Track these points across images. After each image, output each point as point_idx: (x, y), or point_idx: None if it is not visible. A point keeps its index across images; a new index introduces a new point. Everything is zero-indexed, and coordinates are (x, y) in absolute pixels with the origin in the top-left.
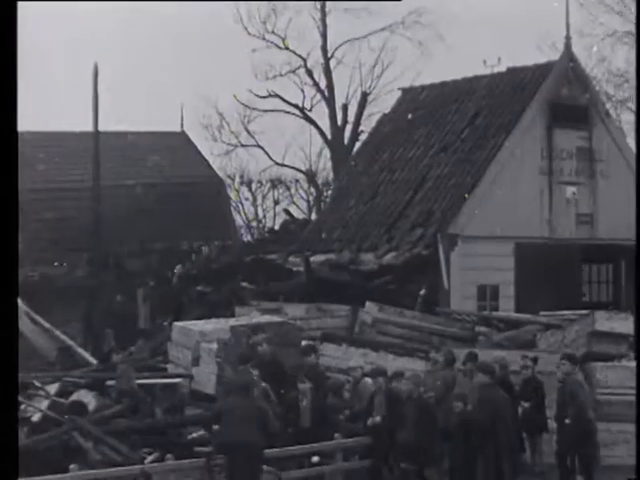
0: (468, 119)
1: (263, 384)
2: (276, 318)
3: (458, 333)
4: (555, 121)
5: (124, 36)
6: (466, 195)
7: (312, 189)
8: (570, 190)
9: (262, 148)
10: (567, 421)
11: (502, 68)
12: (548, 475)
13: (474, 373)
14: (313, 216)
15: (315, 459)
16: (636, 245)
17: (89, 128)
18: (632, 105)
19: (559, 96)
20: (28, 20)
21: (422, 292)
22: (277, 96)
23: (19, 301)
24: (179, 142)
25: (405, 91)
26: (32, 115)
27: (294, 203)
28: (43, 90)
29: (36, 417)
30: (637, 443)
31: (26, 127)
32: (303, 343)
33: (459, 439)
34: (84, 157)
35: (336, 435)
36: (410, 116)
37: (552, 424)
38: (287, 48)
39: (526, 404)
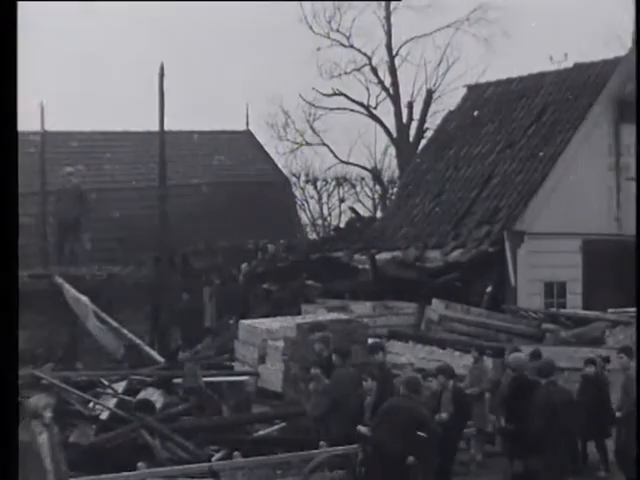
0: (534, 115)
1: None
2: (342, 316)
3: (525, 330)
4: (622, 117)
5: (190, 36)
6: None
7: (377, 187)
8: None
9: (327, 146)
10: (618, 414)
11: (569, 64)
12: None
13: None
14: (378, 214)
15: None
16: (636, 245)
17: (155, 128)
18: None
19: (626, 92)
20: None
21: (489, 289)
22: (342, 94)
23: (87, 300)
24: (244, 141)
25: (471, 88)
26: (99, 115)
27: (359, 201)
28: (109, 90)
29: (104, 415)
30: (637, 442)
31: (94, 127)
32: (370, 341)
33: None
34: (150, 157)
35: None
36: (476, 113)
37: None
38: (352, 46)
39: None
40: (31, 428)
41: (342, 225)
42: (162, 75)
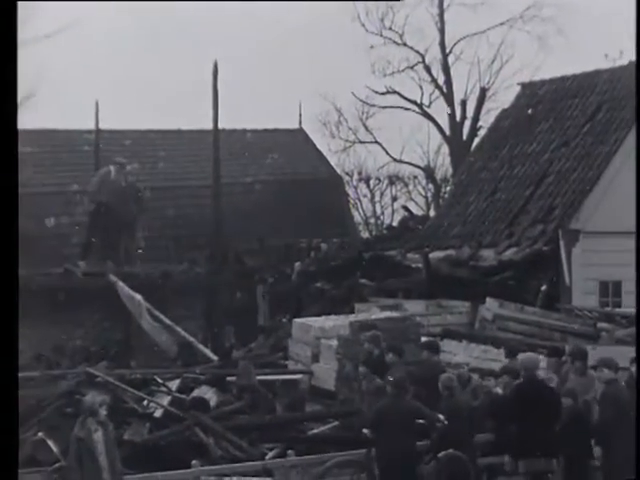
0: (589, 113)
1: None
2: (396, 314)
3: (580, 329)
4: None
5: (242, 34)
6: None
7: (430, 185)
8: None
9: (380, 144)
10: None
11: (624, 62)
12: None
13: (585, 369)
14: (432, 212)
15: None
16: (636, 244)
17: (209, 126)
18: None
19: None
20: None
21: (543, 288)
22: (395, 92)
23: (141, 298)
24: (297, 139)
25: (524, 86)
26: (152, 114)
27: (412, 199)
28: (163, 88)
29: (158, 413)
30: (637, 443)
31: (148, 126)
32: (424, 339)
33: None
34: (204, 155)
35: None
36: (530, 111)
37: None
38: (405, 44)
39: None
40: (87, 425)
41: (395, 224)
42: (216, 73)
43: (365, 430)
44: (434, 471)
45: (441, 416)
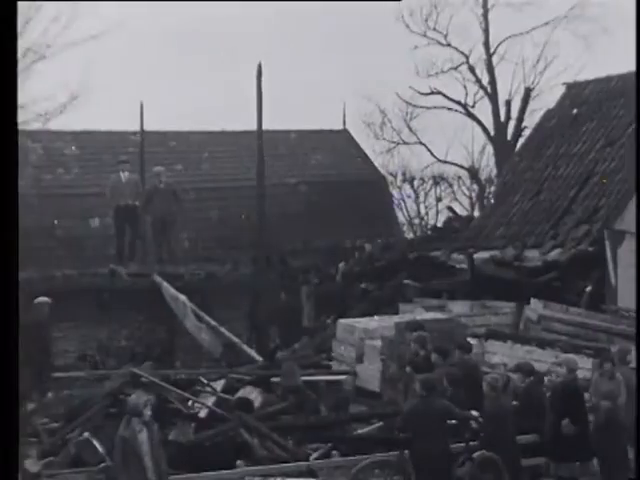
0: (634, 113)
1: None
2: (441, 315)
3: (625, 330)
4: None
5: (286, 35)
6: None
7: (475, 186)
8: None
9: (424, 145)
10: None
11: None
12: None
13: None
14: (476, 213)
15: None
16: (636, 244)
17: (253, 127)
18: None
19: None
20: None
21: (588, 289)
22: (439, 93)
23: (186, 299)
24: (341, 140)
25: (569, 86)
26: (195, 115)
27: (456, 200)
28: (207, 89)
29: (203, 413)
30: (637, 443)
31: (191, 127)
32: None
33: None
34: (248, 156)
35: None
36: (575, 111)
37: None
38: (449, 45)
39: None
40: (132, 425)
41: (439, 224)
42: (260, 74)
43: (397, 431)
44: (468, 472)
45: (475, 413)
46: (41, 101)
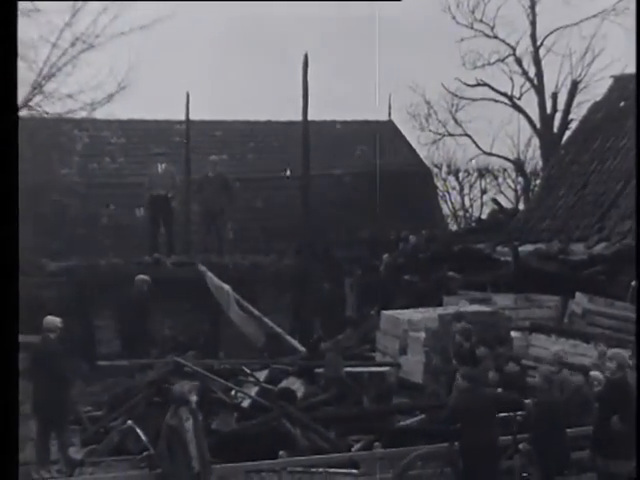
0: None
1: None
2: (485, 308)
3: None
4: None
5: (333, 26)
6: None
7: (520, 178)
8: None
9: (470, 137)
10: None
11: None
12: None
13: None
14: (521, 206)
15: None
16: (636, 244)
17: (298, 117)
18: None
19: None
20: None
21: (633, 283)
22: (485, 85)
23: (230, 288)
24: (387, 131)
25: (617, 79)
26: (242, 104)
27: (501, 192)
28: (254, 80)
29: (245, 403)
30: (637, 444)
31: (237, 117)
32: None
33: None
34: (293, 146)
35: None
36: (622, 104)
37: None
38: (496, 37)
39: None
40: (178, 414)
41: (484, 217)
42: (306, 65)
43: (443, 423)
44: (516, 464)
45: (527, 401)
46: (88, 90)
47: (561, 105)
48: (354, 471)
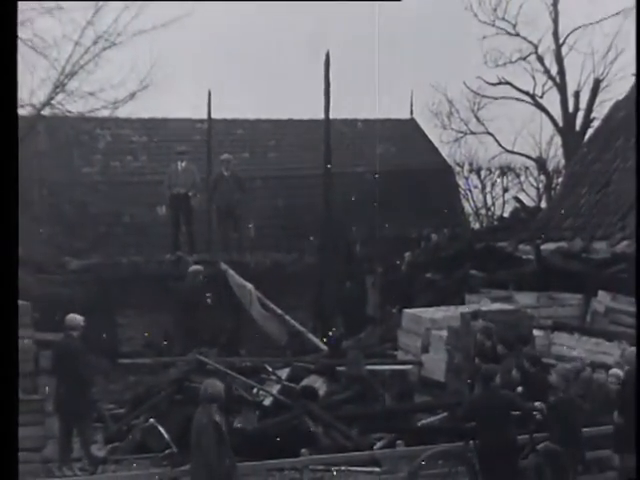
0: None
1: None
2: (507, 306)
3: None
4: None
5: (353, 23)
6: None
7: (542, 176)
8: None
9: (492, 135)
10: None
11: None
12: None
13: None
14: (543, 204)
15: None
16: (636, 245)
17: (320, 115)
18: None
19: None
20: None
21: None
22: (507, 83)
23: (252, 287)
24: (408, 129)
25: None
26: (264, 103)
27: (523, 190)
28: (274, 78)
29: (267, 401)
30: (637, 443)
31: (258, 115)
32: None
33: None
34: (314, 145)
35: None
36: None
37: None
38: (518, 35)
39: None
40: (209, 411)
41: (506, 215)
42: (328, 63)
43: (460, 421)
44: (533, 464)
45: (539, 405)
46: (110, 88)
47: (583, 103)
48: (376, 469)
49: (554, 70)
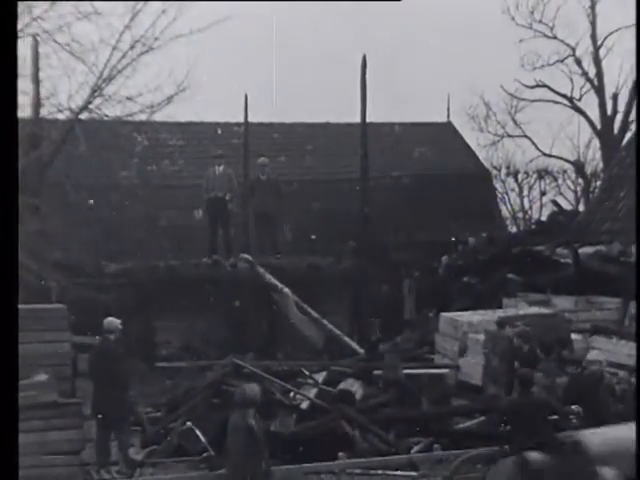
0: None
1: None
2: (545, 310)
3: None
4: None
5: (390, 26)
6: None
7: (580, 180)
8: None
9: (529, 138)
10: None
11: None
12: None
13: None
14: (581, 207)
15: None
16: (636, 245)
17: (356, 119)
18: None
19: None
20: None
21: None
22: (545, 86)
23: (288, 290)
24: (445, 133)
25: None
26: (300, 106)
27: (561, 194)
28: (311, 81)
29: (304, 405)
30: (637, 443)
31: (296, 119)
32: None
33: None
34: (351, 148)
35: None
36: None
37: None
38: (555, 37)
39: None
40: (245, 415)
41: (543, 218)
42: (364, 67)
43: (496, 425)
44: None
45: (576, 408)
46: (147, 93)
47: (622, 106)
48: (413, 473)
49: (592, 72)
